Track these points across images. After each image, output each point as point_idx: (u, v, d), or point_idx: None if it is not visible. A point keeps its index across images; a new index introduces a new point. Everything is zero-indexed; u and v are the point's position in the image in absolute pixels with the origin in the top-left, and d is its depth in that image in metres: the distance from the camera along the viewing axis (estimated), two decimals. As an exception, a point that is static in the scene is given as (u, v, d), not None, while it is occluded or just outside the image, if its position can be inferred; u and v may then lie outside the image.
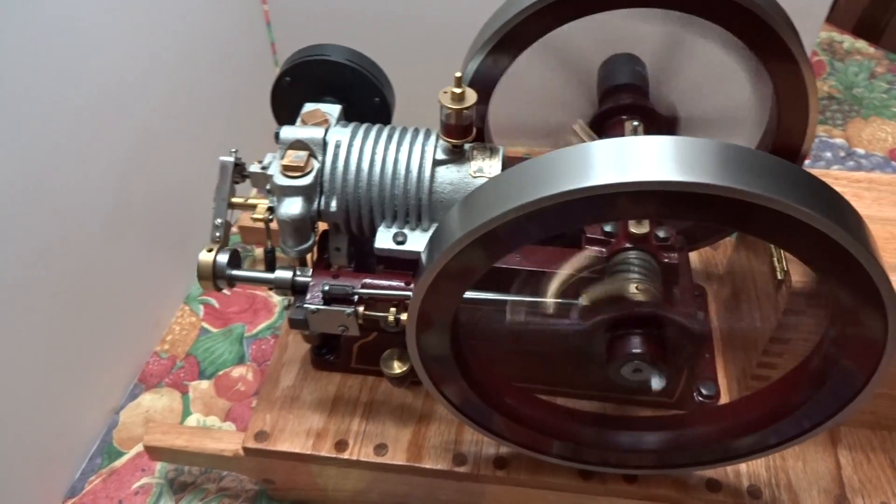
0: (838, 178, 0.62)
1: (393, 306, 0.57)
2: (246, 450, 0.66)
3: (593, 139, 0.64)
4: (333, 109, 0.63)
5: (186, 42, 0.84)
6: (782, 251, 0.57)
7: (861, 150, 1.09)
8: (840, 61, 1.24)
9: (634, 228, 0.54)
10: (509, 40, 0.62)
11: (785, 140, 0.67)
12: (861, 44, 1.27)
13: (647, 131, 0.64)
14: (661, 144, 0.40)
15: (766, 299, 0.61)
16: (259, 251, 0.95)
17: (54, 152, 0.67)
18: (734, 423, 0.56)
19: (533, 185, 0.41)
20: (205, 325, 0.89)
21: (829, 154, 1.08)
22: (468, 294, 0.49)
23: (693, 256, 0.78)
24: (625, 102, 0.66)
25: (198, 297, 0.92)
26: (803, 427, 0.53)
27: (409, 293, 0.56)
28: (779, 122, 0.66)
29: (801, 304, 0.55)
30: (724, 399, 0.67)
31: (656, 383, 0.51)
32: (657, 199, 0.39)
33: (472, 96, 0.55)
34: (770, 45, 0.60)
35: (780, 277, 0.56)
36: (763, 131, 0.70)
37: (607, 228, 0.56)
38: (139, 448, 0.77)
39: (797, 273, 0.55)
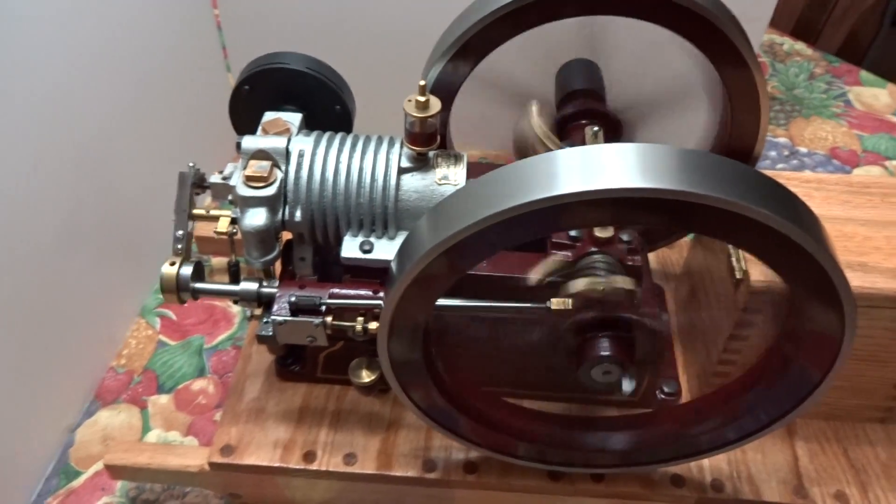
0: (790, 179, 0.64)
1: (361, 315, 0.57)
2: (212, 464, 0.64)
3: (544, 129, 0.65)
4: (294, 118, 0.63)
5: (136, 46, 0.82)
6: (741, 251, 0.58)
7: (804, 149, 1.12)
8: (781, 63, 1.28)
9: (599, 233, 0.55)
10: (470, 47, 0.63)
11: (738, 142, 0.69)
12: (800, 45, 1.32)
13: (607, 135, 0.66)
14: (625, 152, 0.41)
15: (724, 298, 0.63)
16: (216, 261, 0.94)
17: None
18: (696, 421, 0.58)
19: (502, 196, 0.41)
20: (162, 337, 0.87)
21: (773, 153, 1.12)
22: (440, 301, 0.49)
23: (651, 257, 0.79)
24: (583, 108, 0.67)
25: (154, 310, 0.90)
26: (763, 422, 0.55)
27: (379, 302, 0.56)
28: (731, 124, 0.68)
29: (761, 303, 0.57)
30: (685, 396, 0.68)
31: (626, 385, 0.52)
32: (627, 205, 0.40)
33: (436, 104, 0.55)
34: (722, 49, 0.62)
35: (738, 277, 0.58)
36: (716, 133, 0.72)
37: (573, 233, 0.57)
38: (98, 466, 0.75)
39: (756, 272, 0.56)
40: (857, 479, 0.64)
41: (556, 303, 0.52)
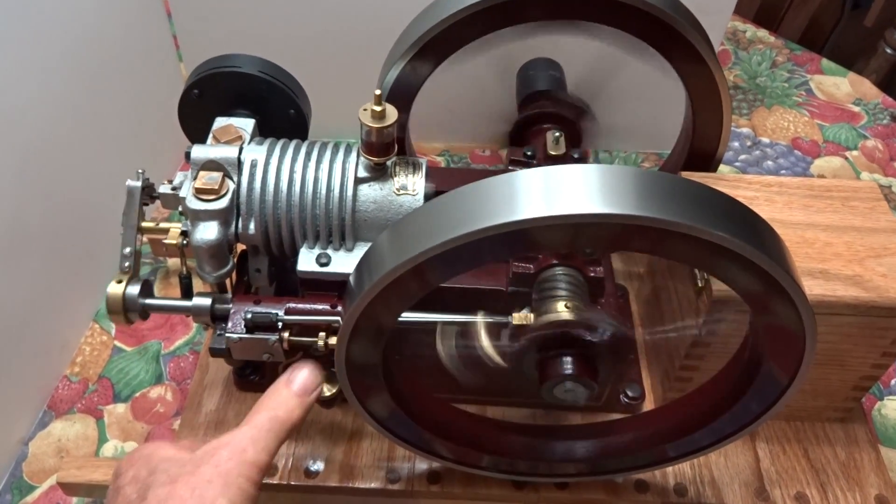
0: (752, 183, 0.64)
1: (322, 331, 0.55)
2: (169, 481, 0.63)
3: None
4: (247, 124, 0.60)
5: (81, 36, 0.78)
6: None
7: (766, 139, 1.12)
8: (744, 50, 1.28)
9: (560, 245, 0.54)
10: (430, 49, 0.61)
11: (701, 144, 0.68)
12: (763, 32, 1.32)
13: (568, 139, 0.64)
14: (587, 174, 0.40)
15: (686, 303, 0.62)
16: (171, 262, 0.91)
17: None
18: (664, 429, 0.57)
19: (463, 219, 0.40)
20: (117, 343, 0.85)
21: (736, 144, 1.12)
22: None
23: (615, 255, 0.79)
24: (545, 111, 0.66)
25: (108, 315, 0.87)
26: (730, 430, 0.55)
27: (337, 318, 0.55)
28: (694, 125, 0.67)
29: (722, 312, 0.57)
30: (649, 400, 0.68)
31: (583, 399, 0.51)
32: (591, 231, 0.39)
33: (392, 114, 0.53)
34: (680, 50, 0.62)
35: (700, 285, 0.58)
36: (680, 134, 0.71)
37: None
38: (53, 481, 0.73)
39: (717, 282, 0.56)
40: (817, 479, 0.65)
41: (517, 318, 0.51)
